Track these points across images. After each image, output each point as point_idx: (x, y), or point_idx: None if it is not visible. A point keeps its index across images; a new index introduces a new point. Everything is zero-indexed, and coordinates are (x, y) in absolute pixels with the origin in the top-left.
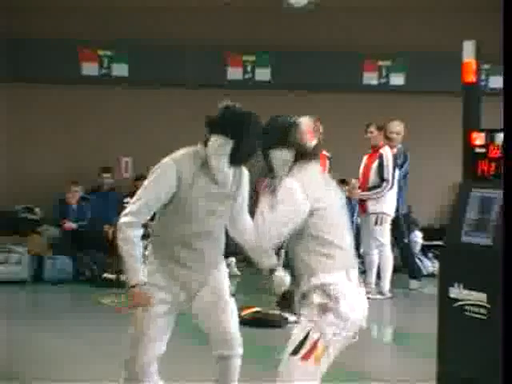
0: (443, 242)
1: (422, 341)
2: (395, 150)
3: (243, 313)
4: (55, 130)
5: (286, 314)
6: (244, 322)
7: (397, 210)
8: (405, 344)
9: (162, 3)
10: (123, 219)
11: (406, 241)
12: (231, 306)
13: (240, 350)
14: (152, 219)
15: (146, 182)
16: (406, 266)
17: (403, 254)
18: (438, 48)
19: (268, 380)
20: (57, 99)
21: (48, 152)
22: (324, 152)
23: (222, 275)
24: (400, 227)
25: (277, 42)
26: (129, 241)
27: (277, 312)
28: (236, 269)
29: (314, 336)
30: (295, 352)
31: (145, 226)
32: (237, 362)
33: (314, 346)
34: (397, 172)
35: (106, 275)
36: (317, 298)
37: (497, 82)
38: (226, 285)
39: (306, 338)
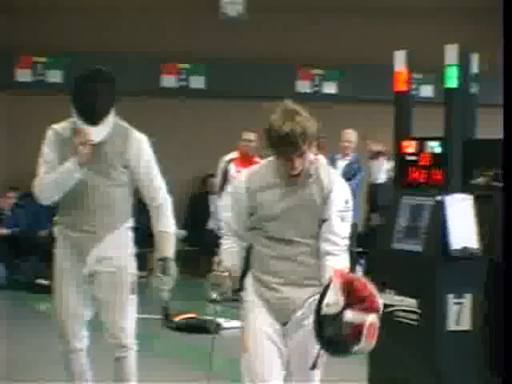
0: (375, 248)
1: None
2: (348, 159)
3: (177, 318)
4: None
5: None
6: (178, 328)
7: None
8: None
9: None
10: None
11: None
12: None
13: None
14: None
15: None
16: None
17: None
18: (373, 57)
19: (205, 381)
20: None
21: None
22: (257, 159)
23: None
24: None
25: (212, 50)
26: None
27: (210, 318)
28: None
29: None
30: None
31: None
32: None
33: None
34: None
35: (40, 281)
36: None
37: (427, 91)
38: None
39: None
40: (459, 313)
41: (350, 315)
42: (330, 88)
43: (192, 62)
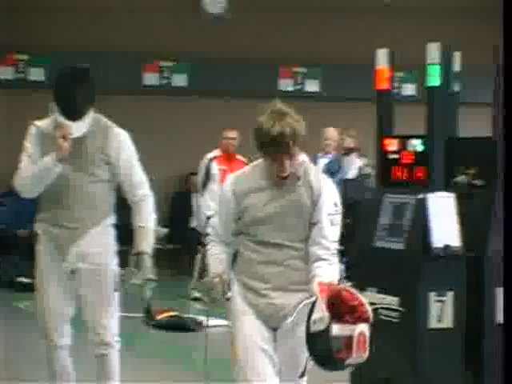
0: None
1: None
2: (329, 157)
3: (159, 316)
4: None
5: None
6: (160, 326)
7: None
8: None
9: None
10: None
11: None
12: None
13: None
14: None
15: None
16: None
17: None
18: (355, 56)
19: (190, 380)
20: None
21: None
22: (239, 157)
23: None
24: None
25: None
26: None
27: (192, 316)
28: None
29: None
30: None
31: None
32: None
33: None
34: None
35: (21, 279)
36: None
37: (410, 89)
38: None
39: None
40: (441, 311)
41: (336, 329)
42: (312, 86)
43: (174, 60)
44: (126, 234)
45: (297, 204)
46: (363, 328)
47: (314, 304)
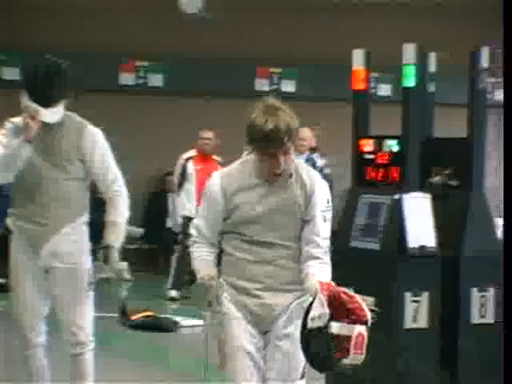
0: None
1: None
2: (303, 158)
3: (134, 317)
4: None
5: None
6: (135, 326)
7: None
8: None
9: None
10: None
11: None
12: None
13: None
14: None
15: None
16: None
17: None
18: (331, 56)
19: (165, 381)
20: None
21: None
22: (214, 157)
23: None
24: None
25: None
26: None
27: (168, 316)
28: (128, 273)
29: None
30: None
31: None
32: None
33: None
34: None
35: None
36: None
37: (386, 90)
38: None
39: None
40: (416, 311)
41: (336, 327)
42: (288, 86)
43: (150, 60)
44: (100, 232)
45: (289, 202)
46: (362, 329)
47: (311, 302)
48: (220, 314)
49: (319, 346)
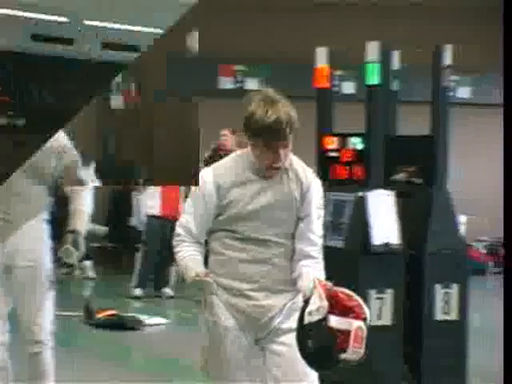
0: None
1: None
2: None
3: (99, 315)
4: None
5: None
6: (99, 325)
7: None
8: None
9: None
10: None
11: None
12: None
13: None
14: None
15: None
16: None
17: None
18: (296, 54)
19: (130, 380)
20: None
21: None
22: None
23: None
24: None
25: None
26: None
27: (132, 314)
28: (92, 272)
29: None
30: None
31: None
32: None
33: None
34: None
35: None
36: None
37: (349, 87)
38: None
39: None
40: (380, 308)
41: (335, 320)
42: (252, 85)
43: None
44: (61, 230)
45: (287, 197)
46: (361, 324)
47: (307, 300)
48: (208, 320)
49: (319, 338)
